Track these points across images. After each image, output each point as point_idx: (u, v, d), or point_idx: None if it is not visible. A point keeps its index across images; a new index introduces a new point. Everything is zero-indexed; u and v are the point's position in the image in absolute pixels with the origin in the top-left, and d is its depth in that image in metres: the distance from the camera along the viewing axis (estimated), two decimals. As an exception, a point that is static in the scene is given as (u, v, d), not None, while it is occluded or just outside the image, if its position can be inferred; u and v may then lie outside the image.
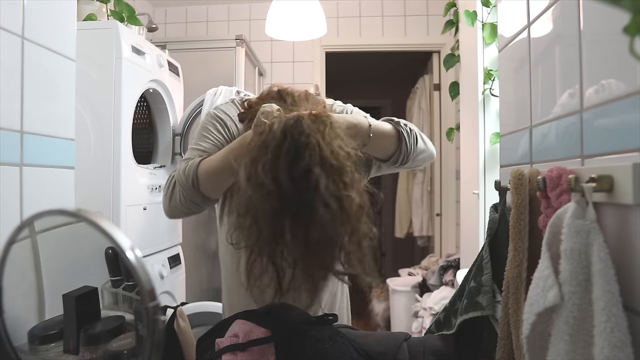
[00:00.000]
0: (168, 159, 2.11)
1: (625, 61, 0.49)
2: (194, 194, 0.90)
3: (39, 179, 0.83)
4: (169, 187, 0.94)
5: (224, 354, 0.71)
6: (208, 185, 0.89)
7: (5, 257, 0.59)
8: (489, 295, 0.77)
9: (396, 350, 0.78)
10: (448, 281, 2.58)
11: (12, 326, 0.63)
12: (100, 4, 1.77)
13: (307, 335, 0.75)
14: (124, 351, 0.67)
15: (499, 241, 0.77)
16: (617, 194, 0.48)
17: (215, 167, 0.88)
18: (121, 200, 1.64)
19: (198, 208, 0.94)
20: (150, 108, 2.08)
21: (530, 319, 0.52)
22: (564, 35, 0.66)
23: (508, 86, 0.90)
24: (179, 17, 3.34)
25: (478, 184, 2.02)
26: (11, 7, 0.77)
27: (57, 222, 0.69)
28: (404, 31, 3.12)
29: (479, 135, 2.02)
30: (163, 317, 0.51)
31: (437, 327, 0.88)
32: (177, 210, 0.94)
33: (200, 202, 0.91)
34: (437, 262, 3.00)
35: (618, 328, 0.43)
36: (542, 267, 0.53)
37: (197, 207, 0.93)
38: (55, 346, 0.71)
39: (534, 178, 0.64)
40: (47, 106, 0.87)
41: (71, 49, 0.93)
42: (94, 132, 1.61)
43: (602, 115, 0.56)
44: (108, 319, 0.76)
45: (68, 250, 0.81)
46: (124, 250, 0.49)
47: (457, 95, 2.56)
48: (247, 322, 0.78)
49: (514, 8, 0.87)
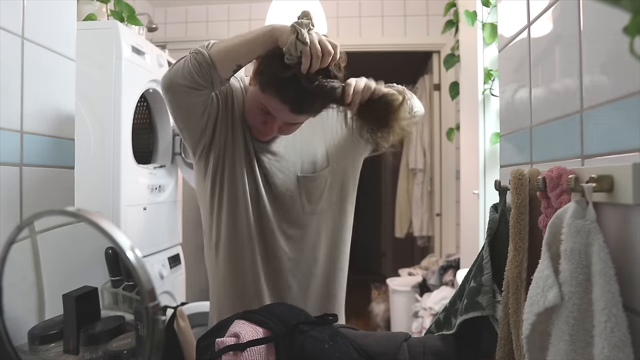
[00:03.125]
0: (168, 159, 2.11)
1: (625, 61, 0.49)
2: (203, 52, 0.92)
3: (39, 179, 0.83)
4: (179, 59, 0.96)
5: (224, 354, 0.71)
6: (221, 47, 0.93)
7: (5, 257, 0.59)
8: (489, 295, 0.77)
9: (396, 350, 0.78)
10: (448, 281, 2.58)
11: (12, 326, 0.63)
12: (100, 4, 1.77)
13: (307, 335, 0.75)
14: (124, 351, 0.67)
15: (499, 241, 0.77)
16: (617, 194, 0.48)
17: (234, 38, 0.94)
18: (121, 200, 1.64)
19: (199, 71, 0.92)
20: (150, 108, 2.08)
21: (530, 319, 0.52)
22: (564, 35, 0.66)
23: (508, 86, 0.90)
24: (179, 17, 3.34)
25: (478, 184, 2.02)
26: (11, 7, 0.77)
27: (57, 222, 0.69)
28: (404, 31, 3.12)
29: (479, 135, 2.02)
30: (163, 317, 0.51)
31: (437, 327, 0.88)
32: (176, 73, 0.94)
33: (205, 63, 0.92)
34: (437, 262, 3.00)
35: (618, 328, 0.43)
36: (542, 267, 0.53)
37: (199, 70, 0.92)
38: (55, 346, 0.71)
39: (534, 178, 0.64)
40: (47, 106, 0.87)
41: (71, 49, 0.93)
42: (94, 132, 1.61)
43: (602, 115, 0.56)
44: (108, 319, 0.76)
45: (68, 250, 0.81)
46: (124, 250, 0.49)
47: (457, 95, 2.56)
48: (247, 322, 0.78)
49: (514, 8, 0.87)
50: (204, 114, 1.00)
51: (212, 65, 0.92)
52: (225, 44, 0.94)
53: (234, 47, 0.94)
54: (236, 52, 0.94)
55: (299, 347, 0.73)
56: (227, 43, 0.94)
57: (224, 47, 0.94)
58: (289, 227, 1.09)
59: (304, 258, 1.10)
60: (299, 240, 1.10)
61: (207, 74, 0.93)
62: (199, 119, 1.00)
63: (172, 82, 0.95)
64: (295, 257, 1.09)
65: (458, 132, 2.61)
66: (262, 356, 0.72)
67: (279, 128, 1.02)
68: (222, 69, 0.94)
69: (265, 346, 0.73)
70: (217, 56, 0.92)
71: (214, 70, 0.93)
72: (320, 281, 1.13)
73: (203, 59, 0.92)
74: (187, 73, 0.93)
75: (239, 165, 1.05)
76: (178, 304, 1.09)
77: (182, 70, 0.93)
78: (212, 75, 0.93)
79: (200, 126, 1.01)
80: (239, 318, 0.81)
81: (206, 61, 0.92)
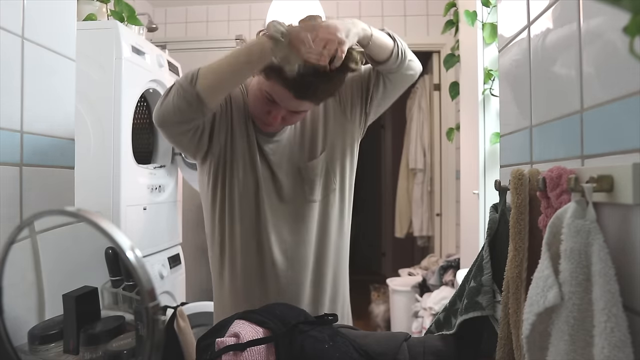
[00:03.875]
0: (168, 159, 2.11)
1: (625, 61, 0.49)
2: (189, 91, 0.91)
3: (39, 179, 0.83)
4: (166, 91, 0.96)
5: (224, 354, 0.71)
6: (207, 81, 0.91)
7: (5, 257, 0.59)
8: (489, 295, 0.77)
9: (396, 350, 0.78)
10: (448, 281, 2.58)
11: (12, 326, 0.63)
12: (100, 4, 1.77)
13: (307, 335, 0.75)
14: (124, 351, 0.67)
15: (499, 241, 0.77)
16: (617, 194, 0.48)
17: (218, 65, 0.93)
18: (121, 200, 1.64)
19: (188, 109, 0.93)
20: (150, 108, 2.08)
21: (530, 319, 0.52)
22: (564, 35, 0.66)
23: (508, 86, 0.90)
24: (179, 17, 3.34)
25: (478, 184, 2.02)
26: (11, 7, 0.77)
27: (57, 222, 0.69)
28: (404, 31, 3.12)
29: (479, 135, 2.02)
30: (163, 317, 0.51)
31: (437, 327, 0.88)
32: (167, 111, 0.95)
33: (193, 101, 0.91)
34: (437, 262, 3.00)
35: (618, 328, 0.43)
36: (542, 267, 0.53)
37: (188, 108, 0.93)
38: (55, 346, 0.71)
39: (534, 178, 0.64)
40: (47, 106, 0.87)
41: (71, 49, 0.93)
42: (94, 132, 1.61)
43: (602, 115, 0.56)
44: (108, 319, 0.76)
45: (68, 250, 0.81)
46: (124, 250, 0.49)
47: (457, 95, 2.56)
48: (247, 322, 0.78)
49: (514, 8, 0.87)
50: (196, 132, 1.02)
51: (200, 101, 0.92)
52: (211, 78, 0.93)
53: (220, 82, 0.94)
54: (223, 85, 0.95)
55: (299, 347, 0.73)
56: (212, 77, 0.93)
57: (210, 83, 0.92)
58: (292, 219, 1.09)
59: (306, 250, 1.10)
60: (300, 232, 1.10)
61: (198, 109, 0.93)
62: (191, 138, 1.02)
63: (164, 120, 0.97)
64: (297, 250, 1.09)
65: (458, 132, 2.61)
66: (262, 356, 0.72)
67: (283, 118, 1.02)
68: (211, 102, 0.94)
69: (265, 346, 0.73)
70: (204, 93, 0.92)
71: (203, 105, 0.93)
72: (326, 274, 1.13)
73: (192, 98, 0.92)
74: (178, 111, 0.94)
75: (240, 161, 1.06)
76: (178, 304, 1.09)
77: (172, 109, 0.94)
78: (202, 109, 0.94)
79: (193, 143, 1.03)
80: (239, 318, 0.81)
81: (194, 99, 0.92)
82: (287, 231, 1.09)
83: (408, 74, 1.08)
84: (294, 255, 1.09)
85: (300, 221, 1.10)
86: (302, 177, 1.09)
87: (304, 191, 1.09)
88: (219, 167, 1.07)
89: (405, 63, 1.05)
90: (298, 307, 0.92)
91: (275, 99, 0.98)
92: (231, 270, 1.10)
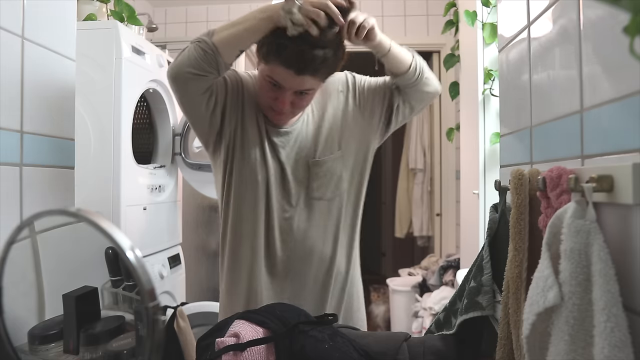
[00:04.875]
0: (168, 159, 2.11)
1: (625, 61, 0.49)
2: (206, 41, 0.97)
3: (39, 179, 0.83)
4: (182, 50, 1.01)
5: (224, 354, 0.71)
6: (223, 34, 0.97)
7: (5, 257, 0.59)
8: (489, 295, 0.77)
9: (396, 350, 0.78)
10: (448, 281, 2.58)
11: (12, 326, 0.63)
12: (100, 4, 1.77)
13: (307, 335, 0.75)
14: (124, 351, 0.67)
15: (499, 241, 0.77)
16: (617, 194, 0.48)
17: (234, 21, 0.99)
18: (121, 200, 1.64)
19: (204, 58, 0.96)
20: (150, 108, 2.08)
21: (530, 319, 0.52)
22: (564, 35, 0.66)
23: (508, 86, 0.90)
24: (179, 17, 3.34)
25: (478, 184, 2.02)
26: (11, 7, 0.77)
27: (57, 222, 0.69)
28: (404, 31, 3.12)
29: (479, 135, 2.02)
30: (163, 317, 0.51)
31: (437, 327, 0.88)
32: (182, 61, 0.98)
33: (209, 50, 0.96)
34: (437, 262, 3.00)
35: (618, 328, 0.43)
36: (542, 267, 0.53)
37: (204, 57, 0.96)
38: (55, 346, 0.70)
39: (534, 178, 0.64)
40: (47, 106, 0.87)
41: (71, 49, 0.93)
42: (94, 132, 1.61)
43: (602, 115, 0.56)
44: (108, 319, 0.76)
45: (68, 250, 0.81)
46: (124, 250, 0.49)
47: (457, 95, 2.56)
48: (247, 322, 0.78)
49: (514, 8, 0.87)
50: (210, 100, 1.04)
51: (216, 51, 0.97)
52: (228, 32, 0.98)
53: (236, 35, 0.98)
54: (238, 39, 0.99)
55: (299, 347, 0.73)
56: (229, 31, 0.98)
57: (226, 35, 0.98)
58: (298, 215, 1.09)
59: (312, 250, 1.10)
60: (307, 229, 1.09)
61: (213, 60, 0.97)
62: (205, 107, 1.04)
63: (179, 71, 0.99)
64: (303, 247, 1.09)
65: (458, 132, 2.61)
66: (262, 356, 0.72)
67: (291, 103, 1.03)
68: (225, 55, 0.98)
69: (265, 346, 0.73)
70: (220, 43, 0.97)
71: (219, 56, 0.97)
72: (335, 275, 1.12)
73: (207, 46, 0.97)
74: (194, 60, 0.97)
75: (248, 154, 1.07)
76: (178, 304, 1.09)
77: (187, 59, 0.98)
78: (217, 61, 0.98)
79: (207, 115, 1.05)
80: (239, 318, 0.81)
81: (210, 48, 0.96)
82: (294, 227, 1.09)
83: (425, 91, 1.12)
84: (298, 253, 1.09)
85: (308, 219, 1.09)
86: (310, 173, 1.09)
87: (311, 188, 1.09)
88: (228, 158, 1.08)
89: (422, 79, 1.09)
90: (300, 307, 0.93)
91: (278, 82, 0.99)
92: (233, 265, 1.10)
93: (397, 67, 1.07)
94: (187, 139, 2.15)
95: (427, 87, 1.12)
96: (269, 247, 1.08)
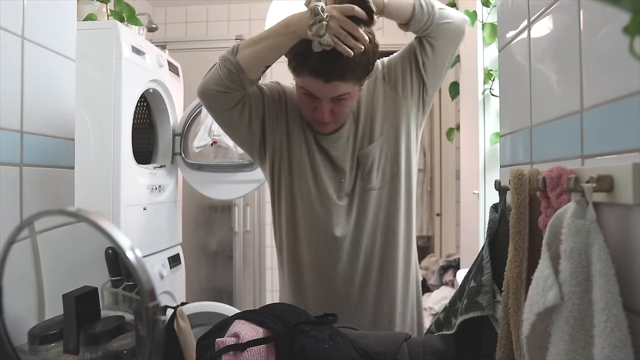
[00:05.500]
0: (168, 159, 2.11)
1: (625, 61, 0.49)
2: (230, 59, 1.00)
3: (39, 179, 0.83)
4: (211, 67, 1.04)
5: (224, 354, 0.71)
6: (246, 51, 0.99)
7: (5, 257, 0.59)
8: (489, 295, 0.77)
9: (396, 350, 0.78)
10: (448, 281, 2.58)
11: (12, 326, 0.63)
12: (100, 4, 1.77)
13: (307, 335, 0.75)
14: (124, 351, 0.67)
15: (499, 241, 0.77)
16: (617, 194, 0.48)
17: (257, 37, 1.00)
18: (121, 200, 1.64)
19: (228, 76, 0.99)
20: (150, 108, 2.08)
21: (530, 319, 0.52)
22: (564, 35, 0.66)
23: (508, 86, 0.90)
24: (179, 17, 3.34)
25: (478, 184, 2.02)
26: (11, 7, 0.77)
27: (57, 222, 0.69)
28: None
29: (479, 135, 2.02)
30: (163, 317, 0.51)
31: (437, 327, 0.88)
32: (208, 80, 1.02)
33: (233, 68, 0.99)
34: (437, 262, 3.00)
35: (618, 328, 0.43)
36: (542, 267, 0.53)
37: (228, 75, 0.99)
38: (55, 346, 0.71)
39: (534, 178, 0.64)
40: (47, 106, 0.87)
41: (71, 49, 0.93)
42: (94, 132, 1.61)
43: (602, 115, 0.56)
44: (108, 319, 0.76)
45: (68, 250, 0.81)
46: (124, 250, 0.49)
47: (457, 95, 2.56)
48: (247, 322, 0.78)
49: (514, 8, 0.87)
50: (243, 114, 1.06)
51: (240, 70, 1.00)
52: (251, 49, 1.00)
53: (259, 52, 1.00)
54: (262, 56, 1.00)
55: (299, 347, 0.73)
56: (252, 48, 1.00)
57: (249, 53, 1.00)
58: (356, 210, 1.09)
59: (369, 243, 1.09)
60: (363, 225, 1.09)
61: (237, 78, 1.00)
62: (238, 119, 1.06)
63: (205, 88, 1.03)
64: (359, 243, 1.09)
65: (458, 132, 2.61)
66: (262, 356, 0.72)
67: (331, 111, 1.03)
68: (250, 72, 1.01)
69: (265, 346, 0.73)
70: (244, 62, 0.99)
71: (242, 74, 1.00)
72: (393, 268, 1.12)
73: (231, 65, 0.99)
74: (218, 79, 1.01)
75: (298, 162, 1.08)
76: (178, 304, 1.09)
77: (212, 77, 1.02)
78: (242, 79, 1.01)
79: (243, 127, 1.08)
80: (239, 318, 0.81)
81: (235, 67, 1.00)
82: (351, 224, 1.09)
83: (444, 25, 1.04)
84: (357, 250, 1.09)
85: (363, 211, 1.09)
86: (359, 165, 1.09)
87: (362, 180, 1.09)
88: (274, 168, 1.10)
89: (435, 14, 1.01)
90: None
91: (311, 92, 1.00)
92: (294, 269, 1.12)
93: (402, 16, 1.01)
94: (187, 139, 2.15)
95: (445, 19, 1.03)
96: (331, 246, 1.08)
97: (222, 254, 2.74)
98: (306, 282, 1.11)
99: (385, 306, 1.11)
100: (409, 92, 1.11)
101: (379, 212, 1.09)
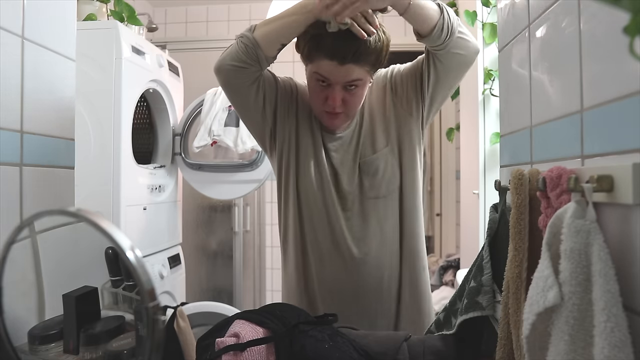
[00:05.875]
0: (168, 159, 2.11)
1: (625, 61, 0.49)
2: (248, 36, 1.01)
3: (39, 179, 0.83)
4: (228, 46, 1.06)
5: (224, 354, 0.71)
6: (264, 29, 1.02)
7: (5, 257, 0.59)
8: (489, 295, 0.77)
9: (396, 350, 0.78)
10: (448, 281, 2.58)
11: (12, 326, 0.63)
12: (100, 4, 1.77)
13: (307, 335, 0.75)
14: (124, 351, 0.67)
15: (499, 241, 0.77)
16: (617, 194, 0.48)
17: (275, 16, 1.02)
18: (121, 200, 1.64)
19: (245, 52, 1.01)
20: (150, 108, 2.08)
21: (530, 319, 0.52)
22: (564, 35, 0.66)
23: (508, 86, 0.90)
24: (179, 17, 3.34)
25: (478, 184, 2.03)
26: (11, 7, 0.77)
27: (57, 222, 0.69)
28: (404, 31, 3.10)
29: (479, 135, 2.02)
30: (163, 317, 0.51)
31: (437, 327, 0.88)
32: (225, 55, 1.04)
33: (249, 44, 1.00)
34: (437, 262, 3.00)
35: (618, 328, 0.43)
36: (542, 267, 0.53)
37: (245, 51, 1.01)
38: (55, 346, 0.71)
39: (534, 178, 0.64)
40: (47, 106, 0.87)
41: (71, 49, 0.93)
42: (94, 132, 1.61)
43: (602, 115, 0.56)
44: (108, 319, 0.76)
45: (68, 250, 0.81)
46: (124, 250, 0.49)
47: (457, 95, 2.56)
48: (247, 322, 0.78)
49: (514, 8, 0.87)
50: (258, 95, 1.07)
51: (256, 45, 1.01)
52: (268, 26, 1.02)
53: (276, 29, 1.01)
54: (278, 33, 1.02)
55: (299, 347, 0.73)
56: (270, 26, 1.02)
57: (267, 29, 1.02)
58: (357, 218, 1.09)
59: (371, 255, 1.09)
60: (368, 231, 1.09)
61: (253, 53, 1.01)
62: (253, 100, 1.07)
63: (221, 64, 1.04)
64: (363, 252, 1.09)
65: (458, 132, 2.61)
66: (262, 356, 0.72)
67: (343, 100, 1.03)
68: (266, 48, 1.01)
69: (265, 346, 0.73)
70: (260, 37, 1.01)
71: (259, 49, 1.01)
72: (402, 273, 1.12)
73: (248, 40, 1.01)
74: (234, 54, 1.02)
75: (305, 158, 1.09)
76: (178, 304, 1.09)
77: (229, 53, 1.03)
78: (258, 54, 1.01)
79: (257, 112, 1.09)
80: (238, 318, 0.81)
81: (251, 42, 1.01)
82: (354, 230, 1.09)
83: (456, 54, 1.01)
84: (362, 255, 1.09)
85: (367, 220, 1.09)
86: (360, 173, 1.09)
87: (364, 187, 1.09)
88: (282, 160, 1.11)
89: (452, 39, 0.98)
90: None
91: (325, 76, 1.00)
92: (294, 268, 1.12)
93: (421, 26, 0.98)
94: (187, 139, 2.15)
95: (458, 49, 1.01)
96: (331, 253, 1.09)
97: (222, 254, 2.74)
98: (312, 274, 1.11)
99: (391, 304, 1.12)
100: (413, 109, 1.11)
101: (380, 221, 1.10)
